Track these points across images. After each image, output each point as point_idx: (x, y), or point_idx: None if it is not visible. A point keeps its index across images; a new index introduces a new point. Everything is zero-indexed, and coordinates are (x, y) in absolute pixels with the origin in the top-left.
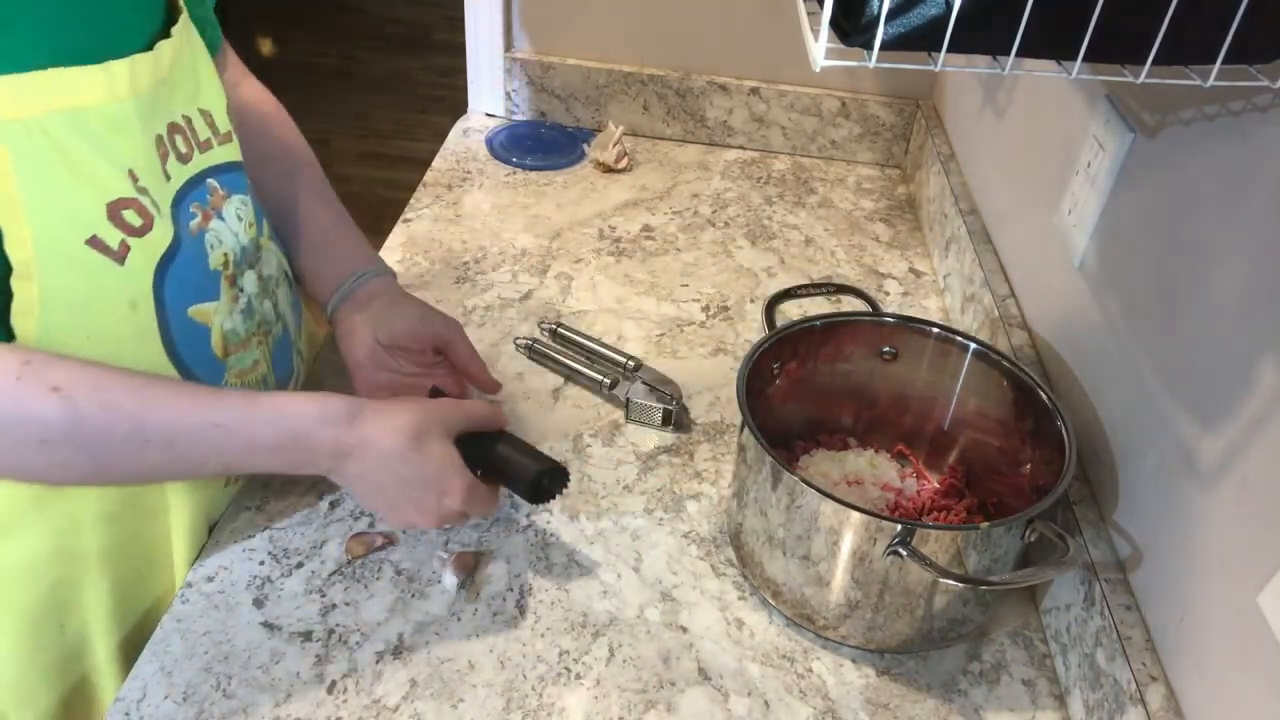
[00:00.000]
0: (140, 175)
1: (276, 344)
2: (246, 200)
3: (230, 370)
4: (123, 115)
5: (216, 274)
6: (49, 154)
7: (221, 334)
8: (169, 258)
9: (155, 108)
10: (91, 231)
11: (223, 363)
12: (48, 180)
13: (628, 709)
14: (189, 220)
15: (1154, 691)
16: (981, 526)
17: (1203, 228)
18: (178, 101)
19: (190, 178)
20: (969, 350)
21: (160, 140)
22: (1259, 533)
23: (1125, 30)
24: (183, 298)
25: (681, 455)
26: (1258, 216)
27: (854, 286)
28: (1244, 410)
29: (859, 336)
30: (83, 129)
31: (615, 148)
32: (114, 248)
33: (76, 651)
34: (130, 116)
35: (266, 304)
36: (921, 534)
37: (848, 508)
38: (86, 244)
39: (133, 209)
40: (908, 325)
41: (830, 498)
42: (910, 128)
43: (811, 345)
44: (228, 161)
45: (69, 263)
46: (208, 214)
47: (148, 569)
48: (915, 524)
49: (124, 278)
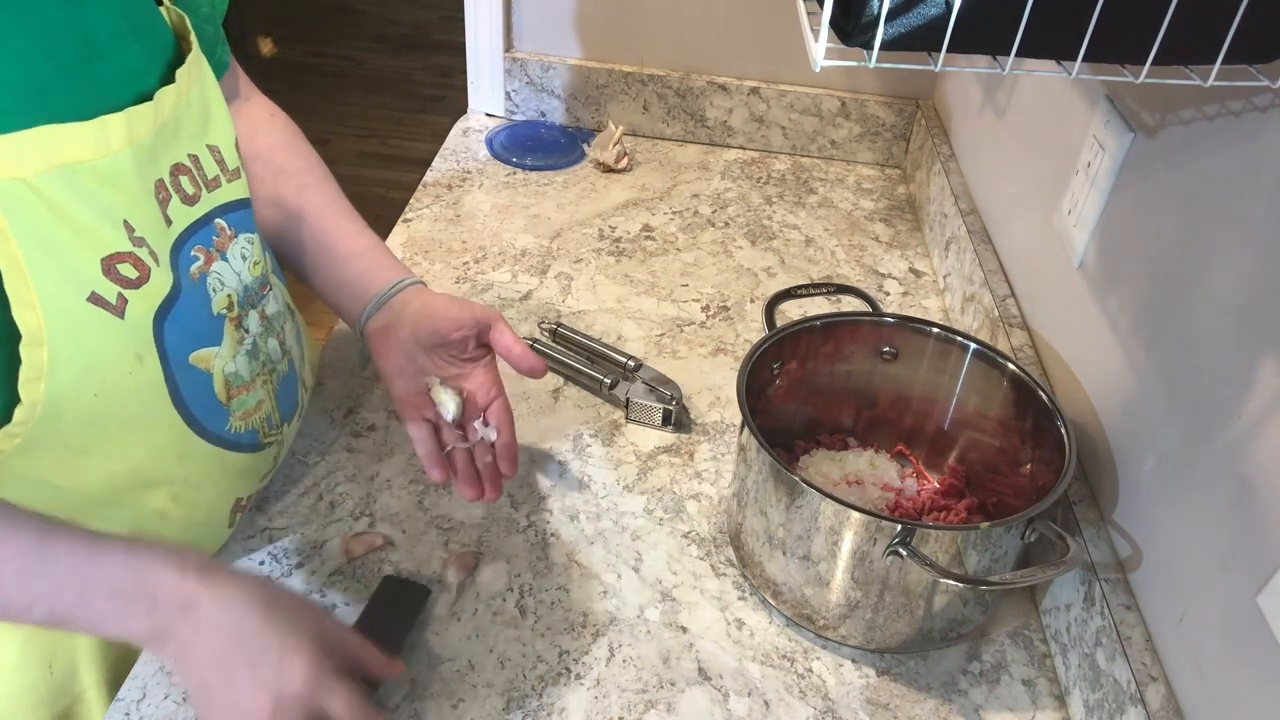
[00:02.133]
0: (137, 225)
1: (281, 381)
2: (254, 238)
3: (234, 414)
4: (117, 168)
5: (220, 318)
6: (44, 214)
7: (224, 378)
8: (168, 305)
9: (155, 154)
10: (91, 288)
11: (226, 407)
12: (46, 241)
13: (628, 709)
14: (190, 265)
15: (1154, 691)
16: (981, 526)
17: (1203, 227)
18: (184, 140)
19: (195, 220)
20: (969, 350)
21: (161, 185)
22: (1259, 533)
23: (1125, 30)
24: (184, 345)
25: (681, 455)
26: (1258, 216)
27: (854, 286)
28: (1244, 410)
29: (859, 336)
30: (75, 186)
31: (615, 148)
32: (113, 302)
33: (64, 686)
34: (125, 168)
35: (271, 342)
36: (921, 534)
37: (848, 508)
38: (88, 301)
39: (128, 262)
40: (908, 325)
41: (830, 498)
42: (910, 128)
43: (811, 345)
44: (236, 199)
45: (74, 323)
46: (211, 256)
47: None
48: (915, 524)
49: (126, 331)
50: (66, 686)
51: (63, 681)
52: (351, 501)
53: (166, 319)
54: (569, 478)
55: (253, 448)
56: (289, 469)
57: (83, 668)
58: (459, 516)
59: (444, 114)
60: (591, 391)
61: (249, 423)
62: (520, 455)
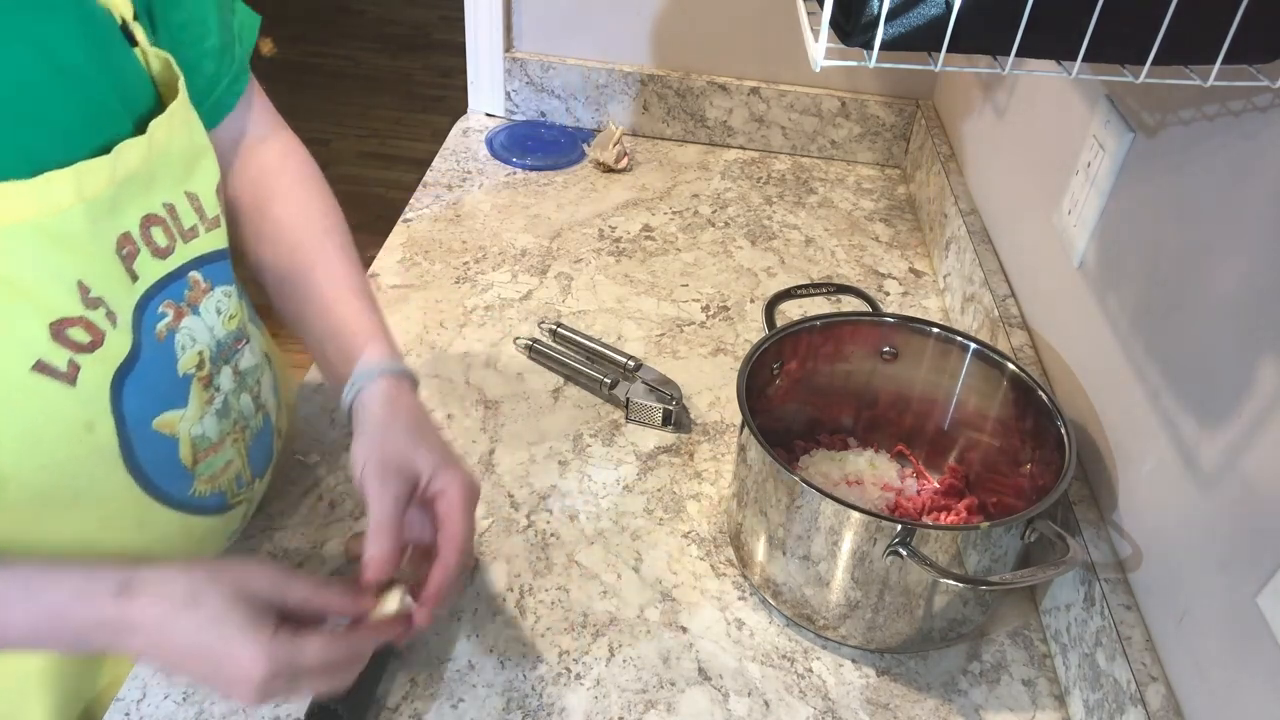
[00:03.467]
0: (93, 285)
1: (255, 438)
2: (230, 290)
3: (199, 478)
4: (66, 226)
5: (186, 378)
6: None
7: (190, 441)
8: (126, 368)
9: (118, 207)
10: (36, 357)
11: (191, 472)
12: None
13: (628, 709)
14: (156, 323)
15: (1154, 691)
16: (981, 526)
17: (1203, 227)
18: (159, 190)
19: (167, 274)
20: (969, 350)
21: (127, 238)
22: (1259, 533)
23: (1125, 30)
24: (145, 409)
25: (681, 455)
26: (1258, 216)
27: (854, 286)
28: (1244, 410)
29: (859, 336)
30: (17, 247)
31: (615, 148)
32: (63, 369)
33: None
34: (78, 225)
35: (244, 399)
36: (921, 534)
37: (848, 508)
38: (33, 370)
39: (79, 326)
40: (908, 325)
41: (830, 498)
42: (910, 128)
43: (811, 345)
44: (214, 250)
45: (15, 392)
46: (181, 311)
47: (91, 667)
48: (915, 524)
49: (77, 399)
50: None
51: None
52: (351, 501)
53: (125, 383)
54: (569, 478)
55: (219, 509)
56: (289, 469)
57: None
58: None
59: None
60: (591, 391)
61: (216, 485)
62: (520, 455)
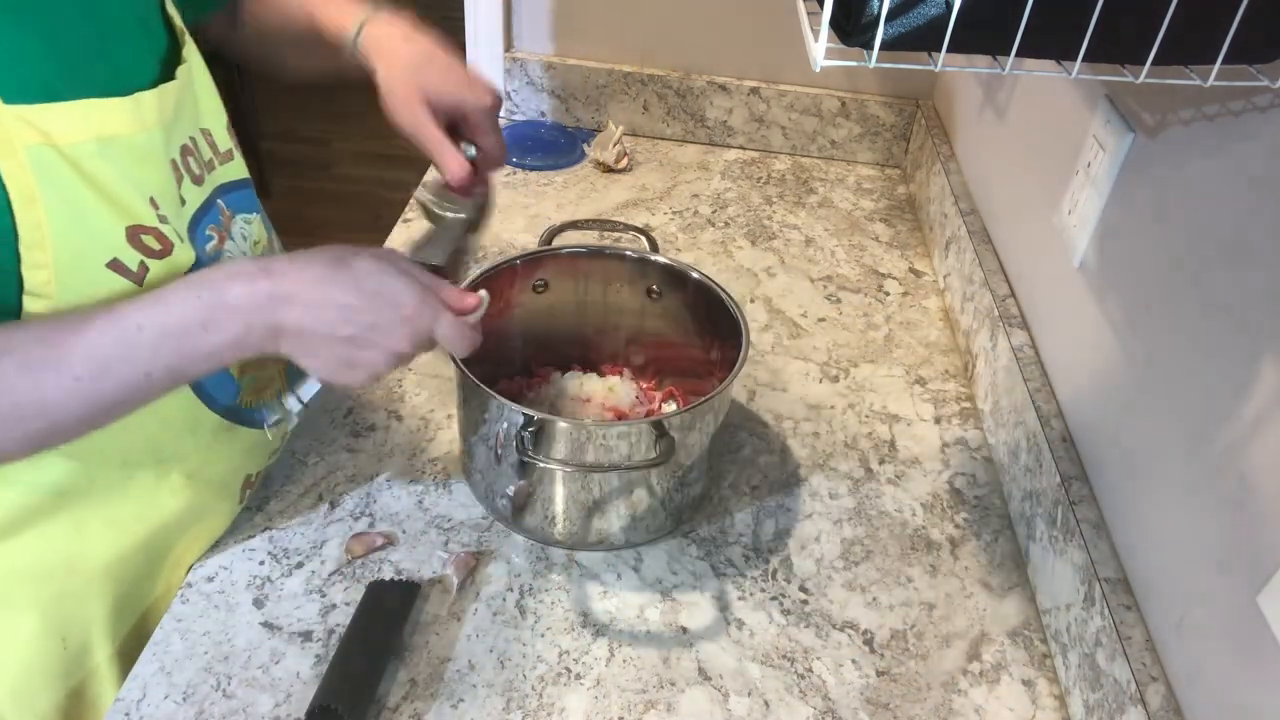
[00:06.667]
0: (160, 203)
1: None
2: (250, 218)
3: (245, 389)
4: (150, 144)
5: None
6: (76, 181)
7: None
8: None
9: (172, 135)
10: (113, 255)
11: (238, 381)
12: (73, 207)
13: (628, 709)
14: (207, 243)
15: (1154, 691)
16: (586, 421)
17: (1203, 227)
18: (185, 125)
19: (204, 200)
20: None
21: (175, 165)
22: (1259, 533)
23: (1125, 30)
24: None
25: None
26: (1258, 216)
27: (639, 227)
28: (1244, 410)
29: (623, 273)
30: (110, 157)
31: (615, 148)
32: (134, 269)
33: (77, 660)
34: (156, 145)
35: None
36: (548, 428)
37: (494, 396)
38: (108, 267)
39: (151, 235)
40: (671, 268)
41: (489, 393)
42: (910, 128)
43: (578, 270)
44: (232, 180)
45: (88, 284)
46: (222, 235)
47: (149, 573)
48: (544, 417)
49: None
50: (80, 660)
51: (76, 655)
52: (351, 501)
53: None
54: None
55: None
56: (289, 469)
57: (96, 643)
58: (459, 517)
59: None
60: None
61: (260, 398)
62: None
